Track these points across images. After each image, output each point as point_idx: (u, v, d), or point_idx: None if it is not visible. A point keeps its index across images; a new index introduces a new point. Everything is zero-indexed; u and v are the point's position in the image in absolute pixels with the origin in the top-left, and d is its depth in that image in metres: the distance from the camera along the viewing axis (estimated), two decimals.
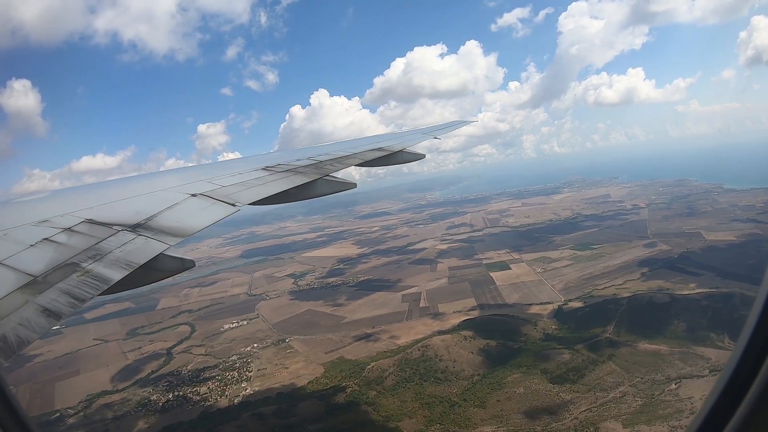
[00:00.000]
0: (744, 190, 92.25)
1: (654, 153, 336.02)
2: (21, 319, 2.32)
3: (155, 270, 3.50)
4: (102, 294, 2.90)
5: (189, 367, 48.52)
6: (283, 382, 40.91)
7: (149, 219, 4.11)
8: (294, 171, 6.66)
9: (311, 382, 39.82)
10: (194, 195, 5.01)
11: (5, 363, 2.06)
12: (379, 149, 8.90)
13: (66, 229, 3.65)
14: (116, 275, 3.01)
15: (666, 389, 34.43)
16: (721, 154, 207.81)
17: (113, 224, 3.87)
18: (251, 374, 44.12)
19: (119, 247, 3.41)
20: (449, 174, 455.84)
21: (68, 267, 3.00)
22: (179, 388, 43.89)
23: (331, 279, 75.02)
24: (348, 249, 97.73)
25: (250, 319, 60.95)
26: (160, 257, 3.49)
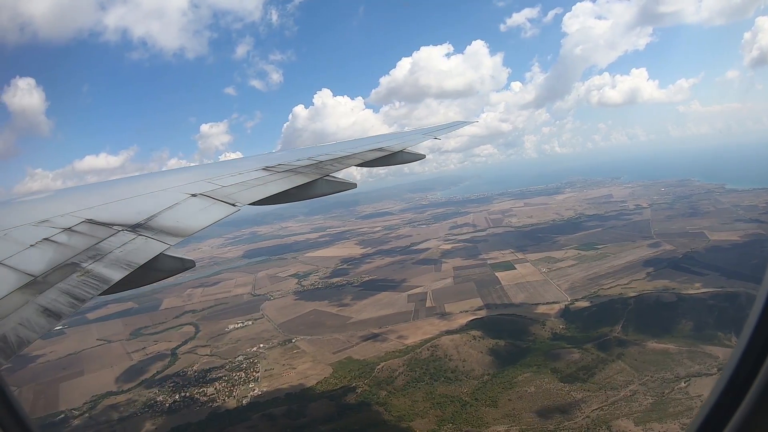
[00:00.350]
0: (746, 191, 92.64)
1: (655, 153, 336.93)
2: (21, 319, 2.31)
3: (155, 270, 3.48)
4: (102, 294, 2.87)
5: (195, 368, 48.18)
6: (292, 383, 40.66)
7: (149, 219, 4.10)
8: (294, 171, 6.66)
9: (320, 383, 39.61)
10: (194, 195, 4.99)
11: (5, 363, 2.03)
12: (380, 149, 8.89)
13: (66, 229, 3.63)
14: (116, 275, 3.00)
15: (676, 387, 34.57)
16: (723, 155, 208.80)
17: (113, 224, 3.86)
18: (258, 375, 43.84)
19: (119, 247, 3.40)
20: (450, 174, 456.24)
21: (68, 267, 2.99)
22: (186, 389, 43.56)
23: (336, 279, 74.80)
24: (351, 249, 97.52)
25: (255, 320, 60.64)
26: (161, 257, 3.47)
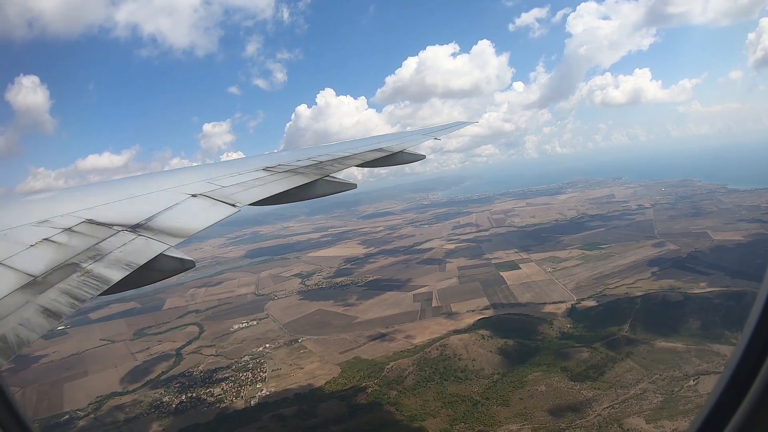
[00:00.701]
0: (748, 191, 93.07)
1: (655, 153, 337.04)
2: (21, 319, 2.31)
3: (155, 270, 3.46)
4: (102, 294, 2.87)
5: (200, 368, 47.80)
6: (300, 383, 40.40)
7: (149, 219, 4.11)
8: (294, 171, 6.66)
9: (329, 383, 39.37)
10: (194, 195, 5.00)
11: (5, 363, 2.03)
12: (380, 150, 8.89)
13: (66, 229, 3.63)
14: (116, 275, 3.00)
15: (685, 385, 34.67)
16: (724, 155, 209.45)
17: (113, 224, 3.86)
18: (266, 375, 43.55)
19: (119, 248, 3.41)
20: (451, 174, 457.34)
21: (68, 267, 2.99)
22: (192, 389, 43.20)
23: (340, 279, 74.53)
24: (354, 249, 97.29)
25: (260, 319, 60.30)
26: (161, 257, 3.47)
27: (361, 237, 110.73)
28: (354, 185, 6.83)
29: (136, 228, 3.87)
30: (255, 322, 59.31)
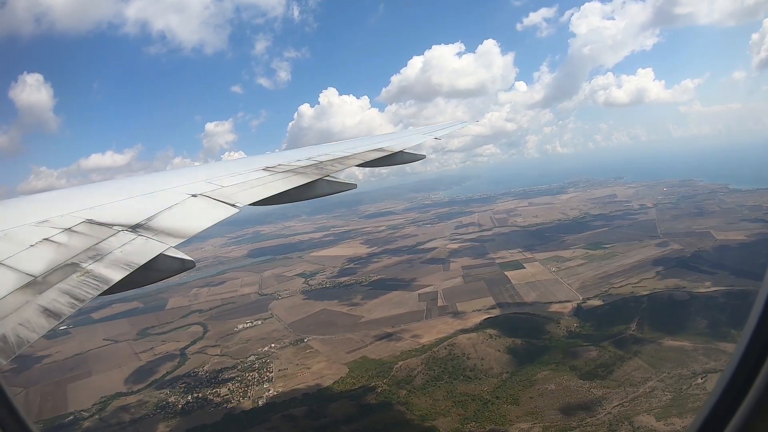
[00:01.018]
0: (750, 191, 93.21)
1: (656, 153, 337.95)
2: (21, 319, 2.31)
3: (155, 270, 3.46)
4: (102, 294, 2.87)
5: (206, 368, 47.52)
6: (308, 383, 40.19)
7: (149, 219, 4.11)
8: (294, 171, 6.66)
9: (337, 383, 39.18)
10: (194, 195, 5.00)
11: (5, 363, 2.04)
12: (380, 149, 8.86)
13: (66, 229, 3.63)
14: (116, 275, 3.00)
15: (693, 383, 34.72)
16: (725, 155, 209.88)
17: (113, 224, 3.87)
18: (272, 375, 43.31)
19: (119, 248, 3.41)
20: (452, 174, 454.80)
21: (68, 267, 2.99)
22: (198, 390, 42.92)
23: (343, 278, 74.32)
24: (357, 248, 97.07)
25: (264, 319, 60.03)
26: (161, 257, 3.47)
27: (364, 236, 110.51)
28: (354, 185, 6.80)
29: (136, 228, 3.86)
30: (259, 322, 59.05)
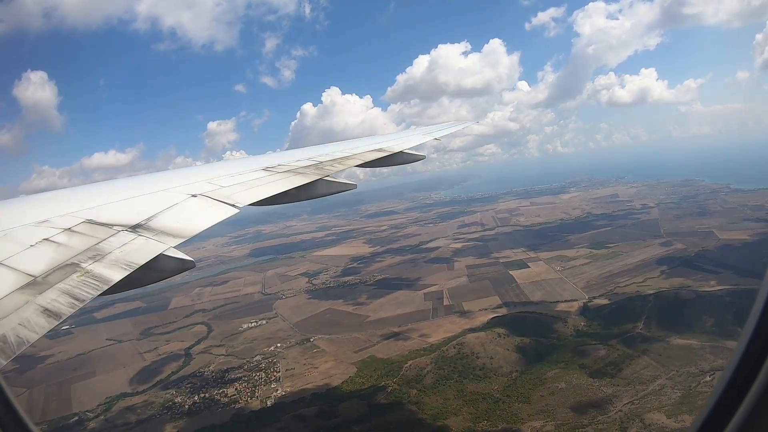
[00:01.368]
0: (751, 190, 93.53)
1: (657, 153, 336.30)
2: (21, 319, 2.31)
3: (155, 270, 3.46)
4: (102, 294, 2.86)
5: (211, 368, 47.21)
6: (316, 383, 39.96)
7: (149, 219, 4.11)
8: (294, 171, 6.68)
9: (346, 382, 38.99)
10: (194, 195, 5.00)
11: (5, 363, 2.04)
12: (380, 150, 8.83)
13: (66, 229, 3.63)
14: (116, 275, 3.00)
15: (701, 381, 34.83)
16: (725, 155, 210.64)
17: (113, 224, 3.87)
18: (279, 374, 43.06)
19: (119, 248, 3.41)
20: (453, 173, 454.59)
21: (68, 267, 2.98)
22: (204, 390, 42.60)
23: (347, 278, 74.08)
24: (359, 248, 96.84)
25: (269, 319, 59.73)
26: (160, 258, 3.47)
27: (366, 236, 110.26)
28: (354, 185, 6.77)
29: (136, 228, 3.86)
30: (264, 322, 58.74)
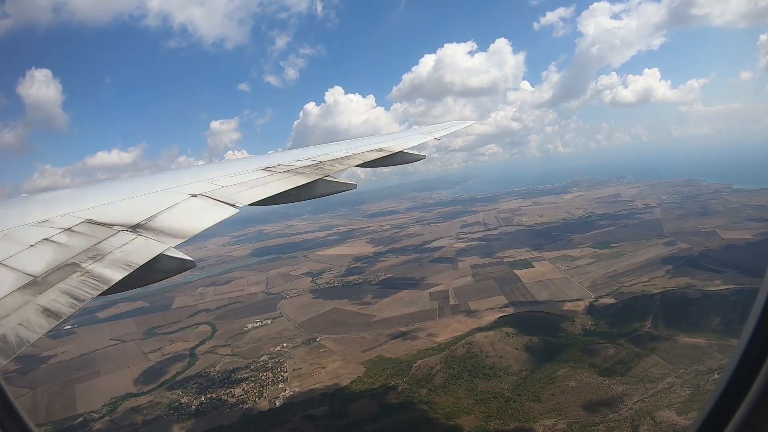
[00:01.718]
0: (753, 190, 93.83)
1: (658, 153, 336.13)
2: (21, 319, 2.31)
3: (156, 270, 3.47)
4: (103, 294, 2.86)
5: (217, 368, 46.89)
6: (325, 382, 39.73)
7: (149, 219, 4.12)
8: (294, 171, 6.65)
9: (355, 382, 38.78)
10: (194, 195, 5.01)
11: (5, 363, 2.05)
12: (379, 149, 8.85)
13: (66, 229, 3.64)
14: (116, 275, 3.01)
15: (710, 379, 34.86)
16: (726, 155, 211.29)
17: (113, 224, 3.88)
18: (287, 374, 42.81)
19: (119, 248, 3.42)
20: (454, 173, 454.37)
21: (68, 267, 2.99)
22: (211, 390, 42.28)
23: (351, 277, 73.89)
24: (363, 247, 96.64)
25: (274, 318, 59.46)
26: (161, 257, 3.47)
27: (369, 236, 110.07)
28: (354, 185, 6.76)
29: (136, 228, 3.86)
30: (269, 321, 58.44)
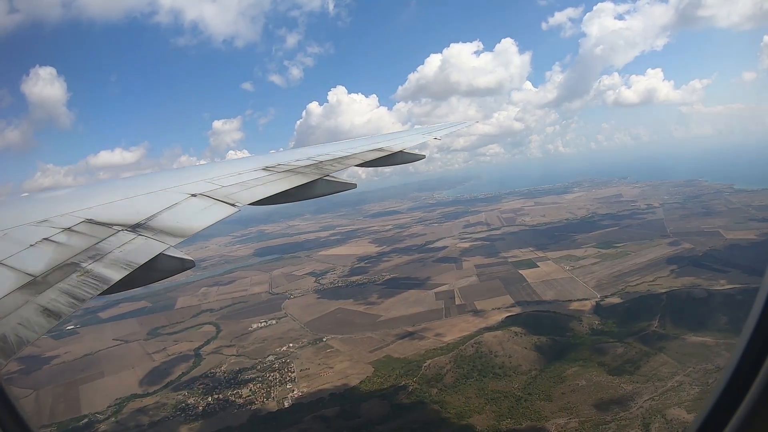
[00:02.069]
0: (755, 191, 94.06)
1: (659, 154, 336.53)
2: (21, 319, 2.32)
3: (155, 270, 3.46)
4: (103, 294, 2.88)
5: (223, 369, 46.58)
6: (334, 383, 39.50)
7: (149, 219, 4.14)
8: (294, 171, 6.71)
9: (364, 382, 38.57)
10: (194, 195, 5.03)
11: (5, 363, 2.06)
12: (379, 149, 8.87)
13: (66, 229, 3.65)
14: (116, 275, 3.02)
15: (718, 377, 34.91)
16: (727, 155, 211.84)
17: (113, 224, 3.89)
18: (294, 375, 42.55)
19: (119, 247, 3.44)
20: (455, 173, 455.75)
21: (68, 267, 3.01)
22: (218, 391, 41.96)
23: (355, 277, 73.66)
24: (366, 247, 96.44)
25: (279, 318, 59.17)
26: (161, 257, 3.48)
27: (371, 235, 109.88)
28: (354, 185, 6.76)
29: (136, 228, 3.87)
30: (274, 321, 58.15)
